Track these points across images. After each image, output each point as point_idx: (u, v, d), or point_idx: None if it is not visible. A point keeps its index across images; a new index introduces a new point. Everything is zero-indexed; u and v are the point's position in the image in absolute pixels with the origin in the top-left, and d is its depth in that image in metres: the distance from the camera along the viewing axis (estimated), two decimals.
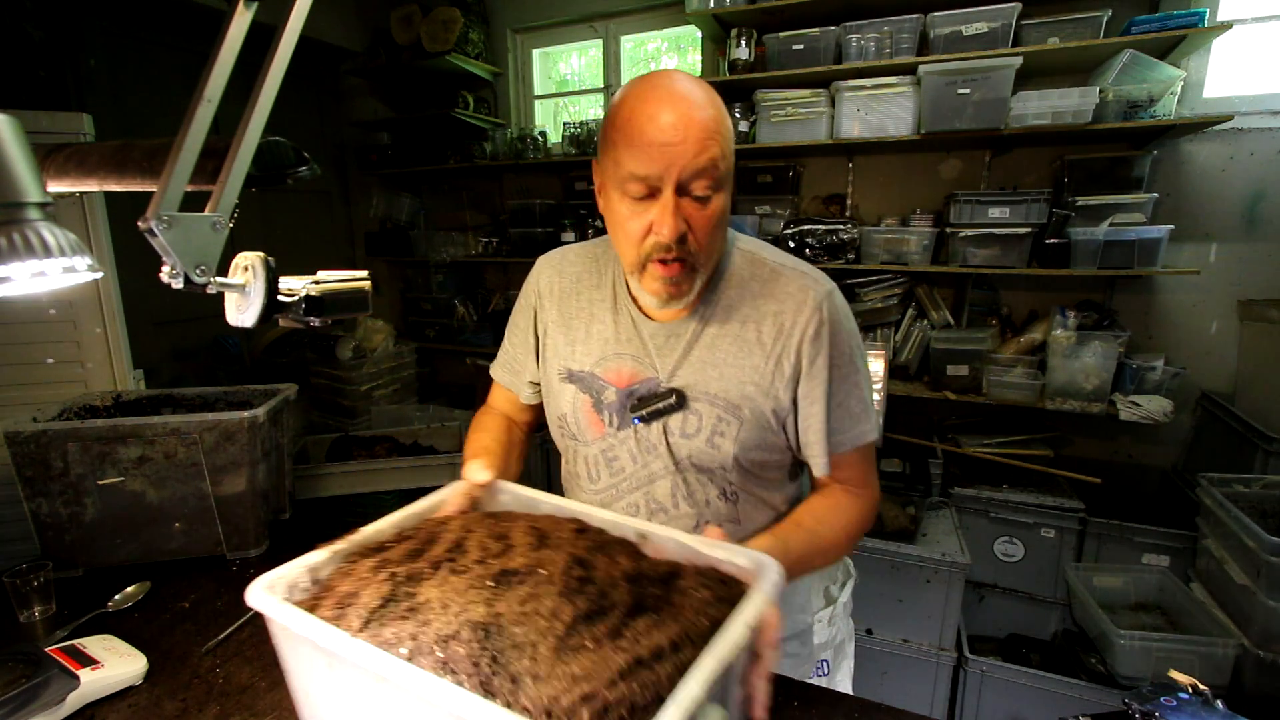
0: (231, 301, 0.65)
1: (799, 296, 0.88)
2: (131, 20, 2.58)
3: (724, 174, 0.79)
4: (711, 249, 0.83)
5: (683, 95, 0.76)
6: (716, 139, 0.77)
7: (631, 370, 0.91)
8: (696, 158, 0.75)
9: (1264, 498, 1.83)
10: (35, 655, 0.87)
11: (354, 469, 2.17)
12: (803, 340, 0.87)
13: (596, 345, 0.94)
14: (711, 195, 0.79)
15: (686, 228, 0.78)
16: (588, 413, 0.95)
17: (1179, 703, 0.78)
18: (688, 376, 0.89)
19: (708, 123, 0.76)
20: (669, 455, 0.91)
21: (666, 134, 0.74)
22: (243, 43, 0.62)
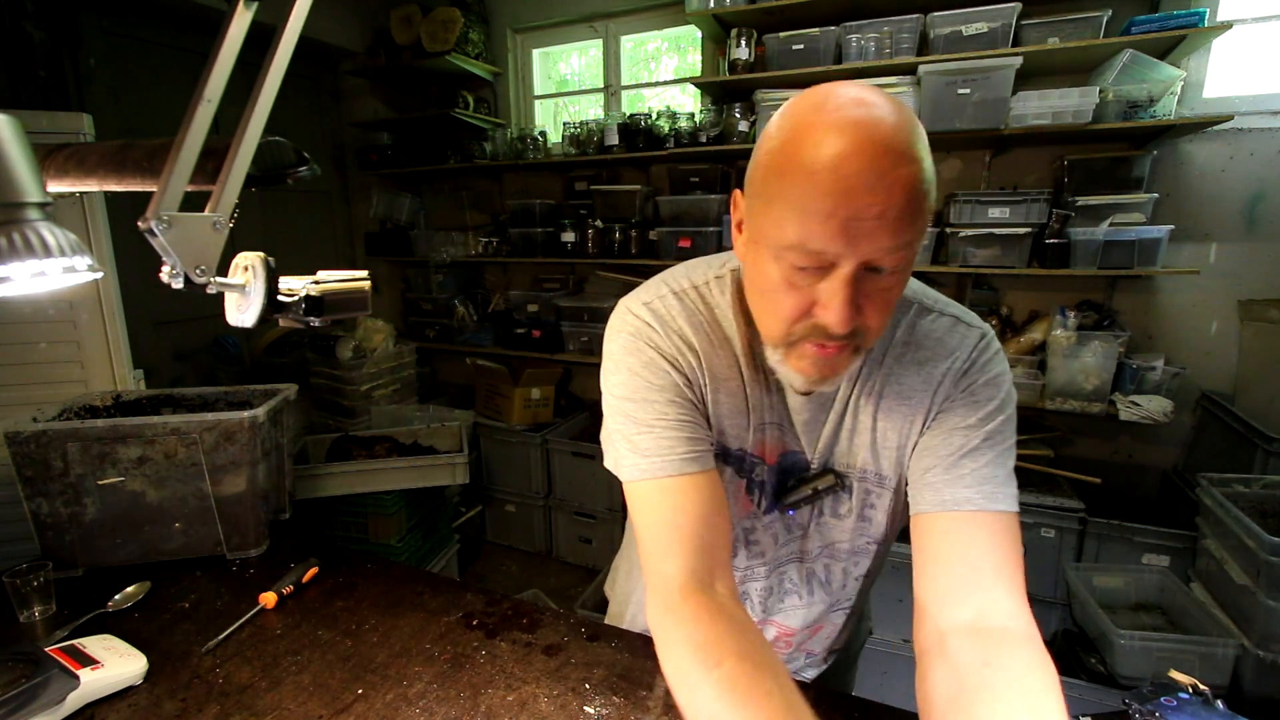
0: (231, 301, 0.65)
1: (950, 343, 0.74)
2: (131, 20, 2.58)
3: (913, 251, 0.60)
4: (883, 328, 0.65)
5: (886, 143, 0.54)
6: (924, 203, 0.56)
7: (778, 441, 0.78)
8: (896, 238, 0.56)
9: (1264, 498, 1.82)
10: (35, 655, 0.88)
11: (354, 469, 2.17)
12: (940, 387, 0.74)
13: (742, 418, 0.77)
14: (898, 271, 0.60)
15: (861, 316, 0.61)
16: (739, 495, 0.81)
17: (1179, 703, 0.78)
18: (843, 455, 0.78)
19: (917, 184, 0.55)
20: (814, 539, 0.84)
21: (862, 203, 0.54)
22: (243, 43, 0.62)
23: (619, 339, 0.75)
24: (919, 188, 0.55)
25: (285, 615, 1.09)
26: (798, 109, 0.60)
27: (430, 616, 1.07)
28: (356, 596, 1.14)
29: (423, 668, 0.95)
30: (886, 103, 0.58)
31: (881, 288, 0.60)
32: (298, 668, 0.95)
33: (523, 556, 3.25)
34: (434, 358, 3.75)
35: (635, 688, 0.90)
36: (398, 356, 3.20)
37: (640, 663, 0.95)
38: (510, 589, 2.81)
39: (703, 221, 2.74)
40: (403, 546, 2.30)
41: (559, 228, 3.07)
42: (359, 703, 0.88)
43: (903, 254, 0.58)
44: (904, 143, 0.55)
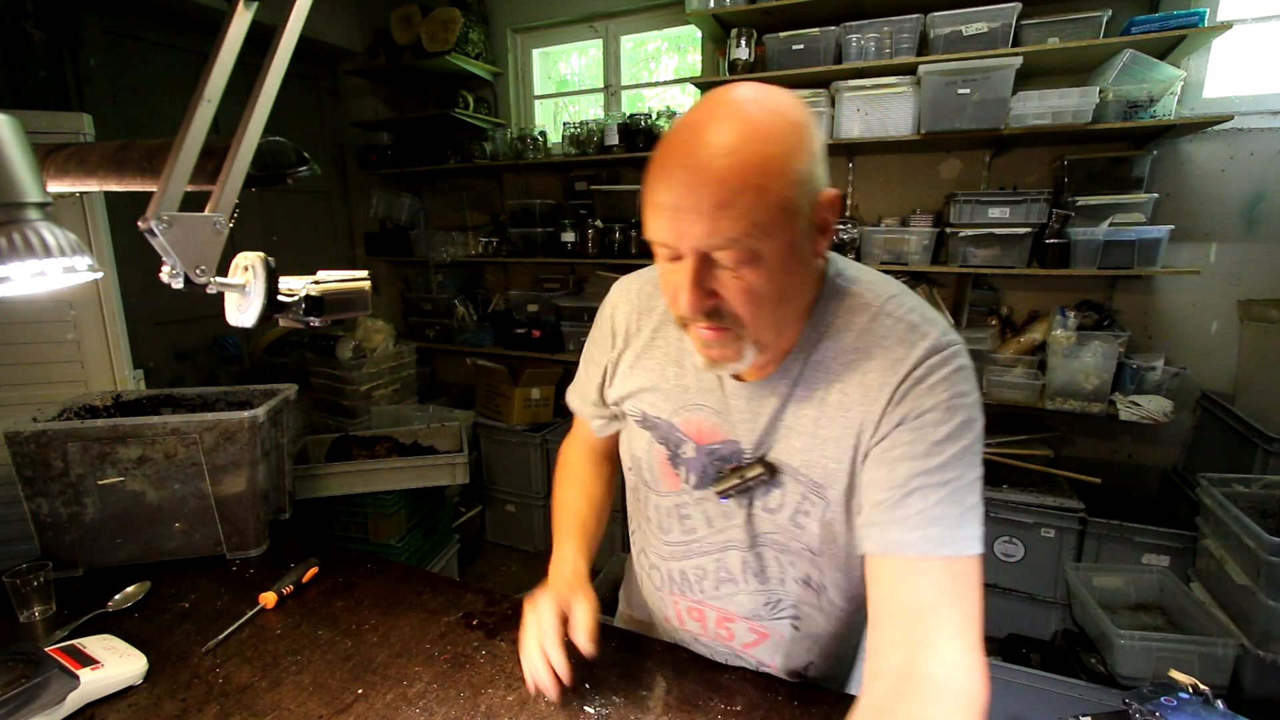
0: (231, 301, 0.65)
1: (897, 351, 0.69)
2: (131, 20, 2.58)
3: (762, 241, 0.61)
4: (761, 323, 0.66)
5: (713, 141, 0.59)
6: (744, 200, 0.58)
7: (712, 426, 0.80)
8: (715, 227, 0.59)
9: (1264, 498, 1.83)
10: (35, 655, 0.88)
11: (354, 469, 2.17)
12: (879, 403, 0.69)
13: (675, 393, 0.82)
14: (745, 265, 0.62)
15: (716, 301, 0.65)
16: (663, 465, 0.85)
17: (1179, 703, 0.78)
18: (776, 447, 0.76)
19: (726, 185, 0.58)
20: (746, 528, 0.81)
21: (677, 193, 0.60)
22: (243, 43, 0.62)
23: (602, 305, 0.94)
24: (733, 186, 0.58)
25: (285, 615, 1.09)
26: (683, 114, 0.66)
27: (430, 616, 1.07)
28: (356, 596, 1.14)
29: (423, 668, 0.95)
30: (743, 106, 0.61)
31: (738, 280, 0.63)
32: (298, 668, 0.95)
33: (523, 556, 3.25)
34: (434, 358, 3.75)
35: (635, 688, 0.90)
36: (398, 356, 3.20)
37: (640, 663, 0.95)
38: (510, 589, 2.80)
39: None
40: (403, 546, 2.30)
41: (559, 228, 3.07)
42: (359, 703, 0.88)
43: (736, 249, 0.61)
44: (730, 142, 0.58)
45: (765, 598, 0.85)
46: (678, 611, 0.95)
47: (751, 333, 0.67)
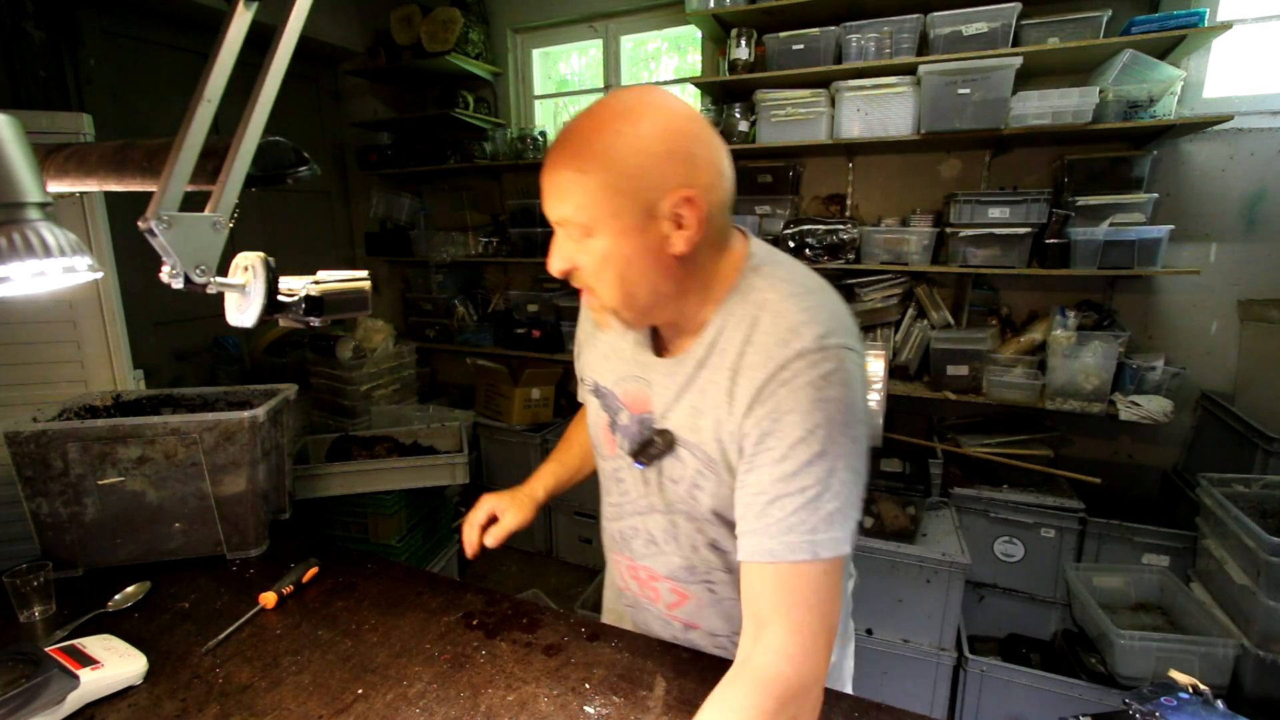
0: (231, 301, 0.65)
1: (772, 348, 0.72)
2: (131, 20, 2.58)
3: (595, 220, 0.71)
4: (616, 298, 0.75)
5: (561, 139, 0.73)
6: (567, 196, 0.71)
7: (644, 396, 0.86)
8: (556, 203, 0.73)
9: (1264, 498, 1.83)
10: (35, 655, 0.88)
11: (354, 469, 2.17)
12: (753, 403, 0.72)
13: (617, 364, 0.91)
14: (585, 240, 0.73)
15: (571, 265, 0.76)
16: (604, 431, 0.93)
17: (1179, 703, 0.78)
18: (677, 419, 0.82)
19: (566, 171, 0.71)
20: (660, 495, 0.87)
21: (545, 167, 0.74)
22: (243, 43, 0.62)
23: None
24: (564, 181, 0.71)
25: (285, 615, 1.09)
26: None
27: (430, 616, 1.07)
28: (356, 596, 1.14)
29: (423, 668, 0.95)
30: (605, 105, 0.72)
31: (582, 252, 0.74)
32: (298, 668, 0.95)
33: (523, 556, 3.25)
34: (434, 358, 3.75)
35: (635, 688, 0.90)
36: (398, 356, 3.20)
37: (640, 663, 0.95)
38: (510, 589, 2.80)
39: None
40: (403, 546, 2.29)
41: None
42: (359, 703, 0.88)
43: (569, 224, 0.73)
44: (569, 136, 0.72)
45: (682, 561, 0.89)
46: (620, 571, 1.01)
47: (602, 299, 0.77)
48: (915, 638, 2.05)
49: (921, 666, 2.05)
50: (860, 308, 2.60)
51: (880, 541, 2.04)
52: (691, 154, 0.71)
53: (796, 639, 0.68)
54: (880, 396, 2.40)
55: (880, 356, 2.40)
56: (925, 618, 2.03)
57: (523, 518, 1.06)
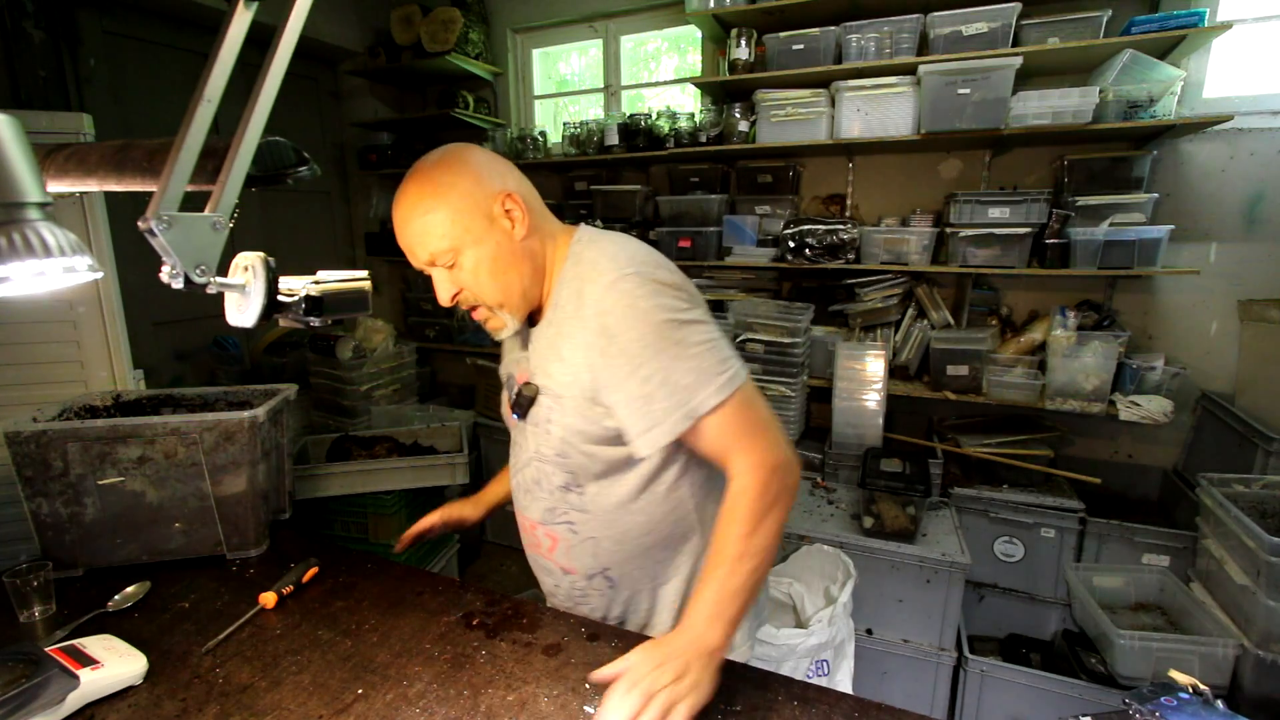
0: (231, 301, 0.65)
1: (591, 294, 0.92)
2: (131, 20, 2.58)
3: (456, 243, 0.91)
4: (497, 292, 0.95)
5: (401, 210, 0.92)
6: (432, 228, 0.90)
7: (522, 369, 1.04)
8: (423, 254, 0.93)
9: (1264, 498, 1.82)
10: (35, 655, 0.88)
11: (354, 469, 2.17)
12: (598, 329, 0.90)
13: (510, 357, 1.09)
14: (457, 262, 0.92)
15: (456, 288, 0.94)
16: (506, 406, 1.09)
17: (1179, 703, 0.78)
18: (540, 373, 0.99)
19: (418, 222, 0.91)
20: (532, 443, 1.02)
21: (400, 234, 0.94)
22: (243, 43, 0.62)
23: None
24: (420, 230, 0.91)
25: (285, 615, 1.09)
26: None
27: (430, 616, 1.07)
28: (356, 596, 1.14)
29: (423, 668, 0.95)
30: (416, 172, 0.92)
31: (460, 274, 0.93)
32: (298, 668, 0.95)
33: (522, 557, 3.23)
34: (434, 358, 3.75)
35: None
36: (398, 356, 3.19)
37: None
38: (510, 589, 2.80)
39: (703, 221, 2.74)
40: None
41: None
42: (359, 703, 0.88)
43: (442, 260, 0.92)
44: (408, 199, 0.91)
45: (547, 504, 1.03)
46: (520, 524, 1.12)
47: (492, 302, 0.96)
48: (915, 638, 2.05)
49: (921, 666, 2.05)
50: (860, 308, 2.60)
51: (880, 541, 2.04)
52: (493, 168, 0.94)
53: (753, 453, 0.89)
54: (880, 396, 2.40)
55: (880, 356, 2.41)
56: (925, 618, 2.03)
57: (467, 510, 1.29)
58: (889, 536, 2.05)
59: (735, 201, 2.81)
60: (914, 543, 2.03)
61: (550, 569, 1.09)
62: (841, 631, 1.81)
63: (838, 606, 1.77)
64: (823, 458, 2.48)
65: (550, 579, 1.11)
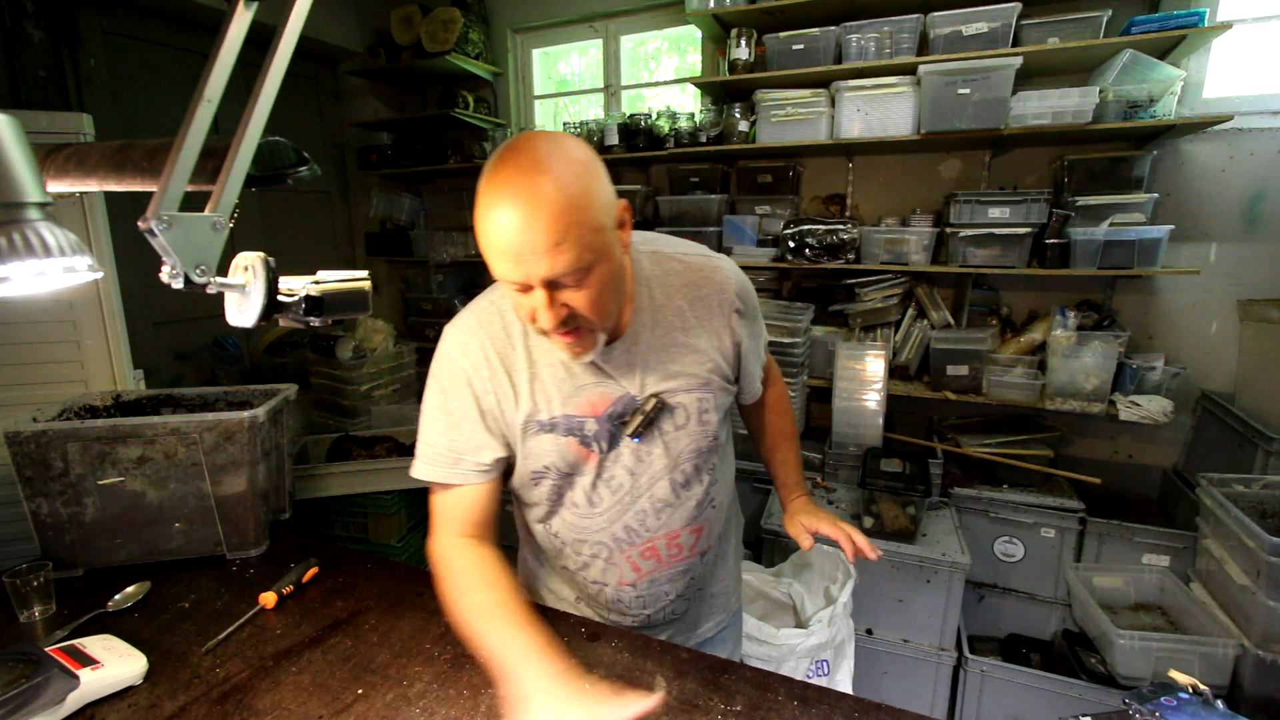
0: (231, 301, 0.65)
1: (714, 278, 0.97)
2: (131, 20, 2.58)
3: (593, 258, 0.76)
4: (605, 314, 0.82)
5: (522, 207, 0.71)
6: (571, 235, 0.73)
7: (600, 396, 0.92)
8: (551, 263, 0.73)
9: (1264, 498, 1.82)
10: (35, 655, 0.88)
11: (354, 469, 2.17)
12: (732, 307, 0.98)
13: (554, 388, 0.92)
14: (584, 280, 0.77)
15: (568, 310, 0.78)
16: (575, 450, 0.94)
17: (1179, 703, 0.78)
18: (657, 381, 0.94)
19: (550, 230, 0.72)
20: (665, 454, 0.96)
21: (515, 243, 0.72)
22: (243, 43, 0.62)
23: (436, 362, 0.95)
24: (558, 223, 0.72)
25: (285, 615, 1.09)
26: (483, 175, 0.75)
27: (430, 616, 1.07)
28: (356, 596, 1.14)
29: (423, 668, 0.95)
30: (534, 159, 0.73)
31: (580, 292, 0.78)
32: (298, 668, 0.95)
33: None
34: None
35: (635, 688, 0.90)
36: (398, 356, 3.19)
37: (640, 663, 0.95)
38: None
39: (703, 221, 2.74)
40: (403, 546, 2.30)
41: None
42: (359, 703, 0.88)
43: (575, 274, 0.75)
44: (547, 193, 0.72)
45: (695, 499, 1.02)
46: (632, 564, 1.02)
47: (600, 326, 0.83)
48: (915, 638, 2.05)
49: (921, 666, 2.05)
50: (860, 308, 2.60)
51: (880, 541, 2.03)
52: (600, 163, 0.80)
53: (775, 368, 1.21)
54: (880, 396, 2.40)
55: (880, 356, 2.41)
56: (925, 618, 2.03)
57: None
58: (889, 536, 2.05)
59: (735, 201, 2.81)
60: (914, 543, 2.03)
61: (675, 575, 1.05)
62: (841, 631, 1.81)
63: (838, 606, 1.77)
64: (823, 458, 2.48)
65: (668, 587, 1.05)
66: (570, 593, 1.11)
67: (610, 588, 1.04)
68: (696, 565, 1.08)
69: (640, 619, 1.07)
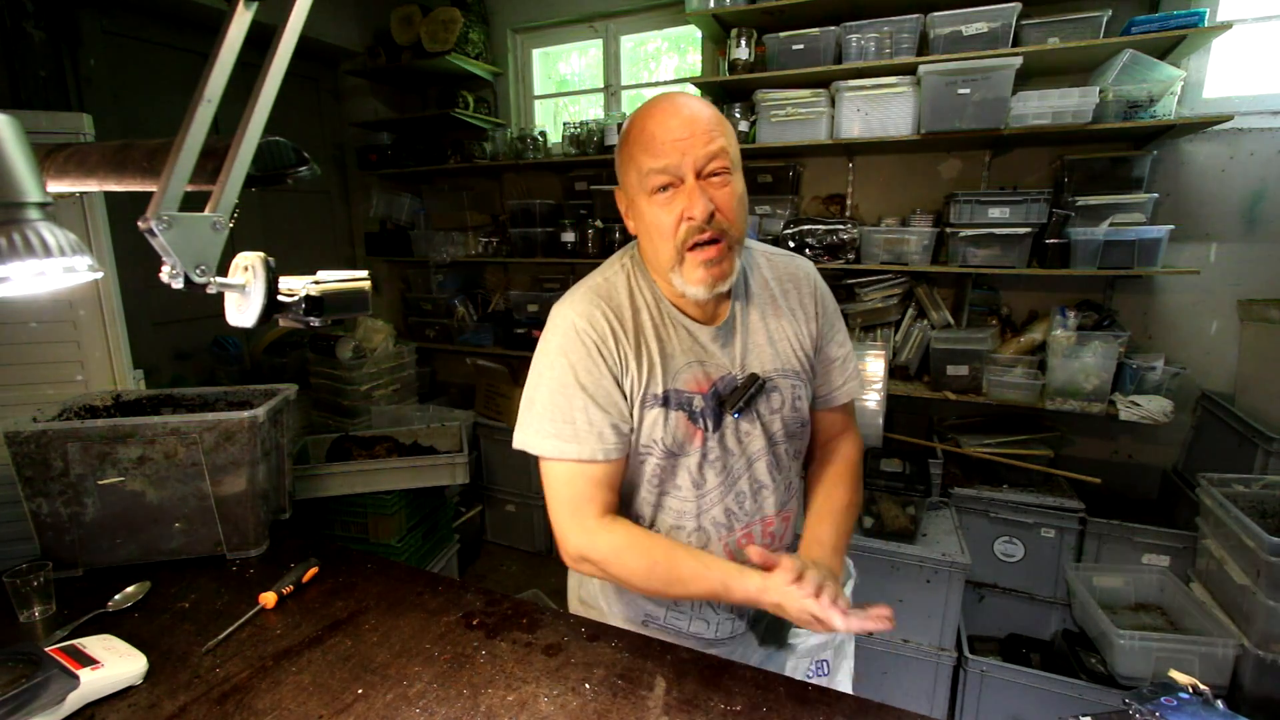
0: (231, 301, 0.65)
1: (799, 273, 1.06)
2: (131, 20, 2.58)
3: (735, 160, 0.91)
4: (740, 224, 0.91)
5: (684, 103, 0.89)
6: (721, 130, 0.89)
7: (705, 374, 0.98)
8: (708, 145, 0.86)
9: (1264, 498, 1.82)
10: (35, 655, 0.88)
11: (354, 469, 2.17)
12: (815, 303, 1.05)
13: (667, 363, 0.96)
14: (728, 173, 0.89)
15: (714, 206, 0.88)
16: (685, 426, 0.97)
17: (1179, 703, 0.78)
18: (757, 361, 1.00)
19: (710, 119, 0.88)
20: (763, 435, 1.01)
21: (677, 132, 0.86)
22: (243, 43, 0.62)
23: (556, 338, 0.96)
24: (714, 121, 0.89)
25: (285, 615, 1.09)
26: (636, 112, 0.92)
27: (430, 616, 1.07)
28: (356, 596, 1.14)
29: (423, 668, 0.95)
30: (689, 95, 0.92)
31: (726, 191, 0.89)
32: (298, 668, 0.95)
33: (523, 556, 3.25)
34: (434, 358, 3.75)
35: (635, 688, 0.90)
36: (398, 356, 3.20)
37: (640, 663, 0.95)
38: (510, 589, 2.81)
39: None
40: (403, 546, 2.30)
41: (559, 228, 3.07)
42: (359, 703, 0.88)
43: (720, 160, 0.88)
44: (699, 104, 0.90)
45: (784, 484, 1.06)
46: (729, 554, 1.01)
47: (735, 236, 0.91)
48: (915, 638, 2.05)
49: (921, 666, 2.05)
50: (860, 308, 2.60)
51: (880, 541, 2.04)
52: None
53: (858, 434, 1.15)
54: (880, 396, 2.40)
55: (880, 356, 2.41)
56: (925, 618, 2.03)
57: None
58: (889, 536, 2.05)
59: None
60: (914, 543, 2.03)
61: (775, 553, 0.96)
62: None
63: None
64: None
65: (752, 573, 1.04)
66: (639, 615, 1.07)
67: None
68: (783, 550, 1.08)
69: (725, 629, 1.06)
